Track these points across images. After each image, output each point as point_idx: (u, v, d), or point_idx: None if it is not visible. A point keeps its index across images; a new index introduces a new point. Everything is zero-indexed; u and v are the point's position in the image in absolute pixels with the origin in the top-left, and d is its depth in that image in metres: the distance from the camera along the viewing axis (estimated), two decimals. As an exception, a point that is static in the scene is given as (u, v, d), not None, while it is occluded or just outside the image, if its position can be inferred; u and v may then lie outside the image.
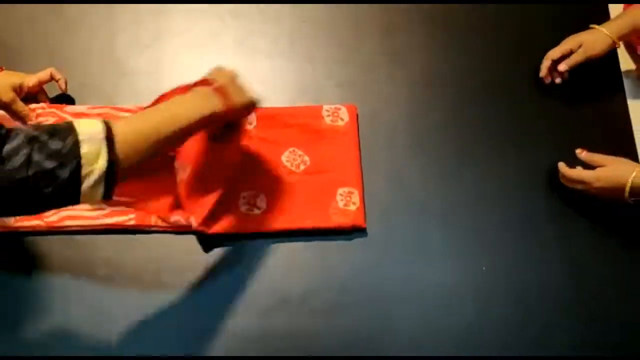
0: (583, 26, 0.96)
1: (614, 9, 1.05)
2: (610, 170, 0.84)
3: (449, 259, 0.86)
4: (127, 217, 0.84)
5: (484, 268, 0.84)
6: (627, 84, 1.00)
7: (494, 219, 0.89)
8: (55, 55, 0.98)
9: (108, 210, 0.85)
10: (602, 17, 1.02)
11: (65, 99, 0.94)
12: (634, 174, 0.82)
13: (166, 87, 0.95)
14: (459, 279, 0.85)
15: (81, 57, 0.98)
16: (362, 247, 0.87)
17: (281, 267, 0.85)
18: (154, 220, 0.85)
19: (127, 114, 0.92)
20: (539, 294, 0.85)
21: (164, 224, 0.85)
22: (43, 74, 0.91)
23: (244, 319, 0.82)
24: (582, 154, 0.88)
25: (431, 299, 0.84)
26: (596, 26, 0.94)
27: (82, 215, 0.84)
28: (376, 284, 0.84)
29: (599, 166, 0.85)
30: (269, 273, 0.84)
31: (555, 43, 0.96)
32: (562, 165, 0.89)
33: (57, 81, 0.92)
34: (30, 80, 0.90)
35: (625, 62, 1.02)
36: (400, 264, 0.86)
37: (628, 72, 1.01)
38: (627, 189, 0.82)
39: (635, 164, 0.85)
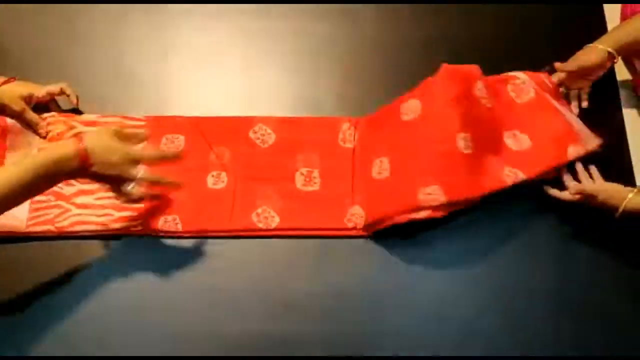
0: (577, 27, 0.96)
1: (609, 9, 1.06)
2: (601, 200, 0.86)
3: (446, 264, 0.88)
4: (135, 223, 0.88)
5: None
6: (622, 94, 1.01)
7: (490, 226, 0.91)
8: (66, 67, 1.01)
9: (116, 216, 0.88)
10: (597, 17, 1.04)
11: (76, 110, 0.97)
12: (625, 200, 0.83)
13: (174, 97, 0.98)
14: (455, 285, 0.87)
15: (92, 68, 1.01)
16: (361, 252, 0.89)
17: (280, 272, 0.87)
18: (160, 224, 0.88)
19: (136, 123, 0.95)
20: (534, 297, 0.87)
21: (168, 229, 0.88)
22: (53, 87, 0.93)
23: (245, 321, 0.84)
24: (572, 191, 0.88)
25: (428, 305, 0.86)
26: (590, 44, 0.94)
27: (91, 220, 0.88)
28: (373, 289, 0.86)
29: (591, 195, 0.86)
30: (269, 277, 0.87)
31: (549, 45, 0.96)
32: (553, 192, 0.90)
33: (67, 96, 0.94)
34: (39, 92, 0.92)
35: (621, 72, 1.02)
36: (397, 271, 0.88)
37: (624, 82, 1.02)
38: (620, 211, 0.84)
39: (625, 189, 0.85)
